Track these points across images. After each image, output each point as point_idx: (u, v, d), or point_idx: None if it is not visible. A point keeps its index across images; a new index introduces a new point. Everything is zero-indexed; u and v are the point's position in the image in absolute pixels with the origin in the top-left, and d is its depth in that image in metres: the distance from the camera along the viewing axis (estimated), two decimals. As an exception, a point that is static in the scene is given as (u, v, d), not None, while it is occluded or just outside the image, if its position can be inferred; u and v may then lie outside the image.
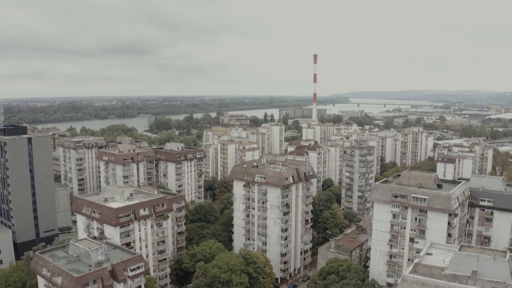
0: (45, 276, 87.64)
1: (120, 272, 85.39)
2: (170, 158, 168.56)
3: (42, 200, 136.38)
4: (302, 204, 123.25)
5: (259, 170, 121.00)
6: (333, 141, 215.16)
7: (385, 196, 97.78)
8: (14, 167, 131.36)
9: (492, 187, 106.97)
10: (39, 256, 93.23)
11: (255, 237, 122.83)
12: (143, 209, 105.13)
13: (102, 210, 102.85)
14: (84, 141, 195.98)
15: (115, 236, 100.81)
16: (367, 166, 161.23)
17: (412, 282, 60.77)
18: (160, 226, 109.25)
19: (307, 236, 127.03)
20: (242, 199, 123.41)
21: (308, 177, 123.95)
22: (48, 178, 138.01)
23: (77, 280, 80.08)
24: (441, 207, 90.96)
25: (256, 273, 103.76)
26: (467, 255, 63.26)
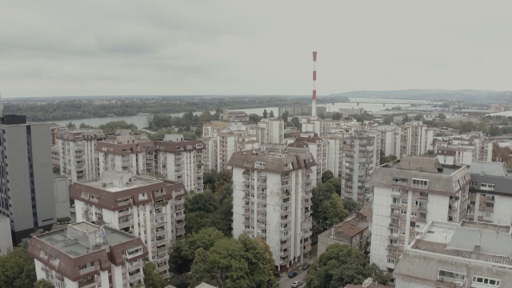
0: (43, 259, 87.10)
1: (118, 254, 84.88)
2: (169, 149, 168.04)
3: (41, 189, 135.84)
4: (302, 192, 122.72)
5: (258, 157, 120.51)
6: (333, 134, 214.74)
7: (385, 180, 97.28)
8: (13, 155, 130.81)
9: (492, 172, 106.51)
10: (37, 239, 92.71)
11: (254, 225, 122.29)
12: (142, 194, 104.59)
13: (100, 195, 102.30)
14: (83, 133, 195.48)
15: (114, 221, 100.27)
16: (367, 156, 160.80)
17: (414, 257, 60.30)
18: (159, 212, 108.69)
19: (307, 224, 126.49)
20: (242, 187, 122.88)
21: (308, 164, 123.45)
22: (46, 167, 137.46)
23: (74, 261, 79.52)
24: (442, 190, 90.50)
25: (256, 259, 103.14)
26: (469, 230, 62.85)
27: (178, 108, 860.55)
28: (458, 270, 56.72)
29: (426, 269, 58.61)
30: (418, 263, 59.48)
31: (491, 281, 54.84)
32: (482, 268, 55.75)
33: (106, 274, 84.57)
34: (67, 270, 79.87)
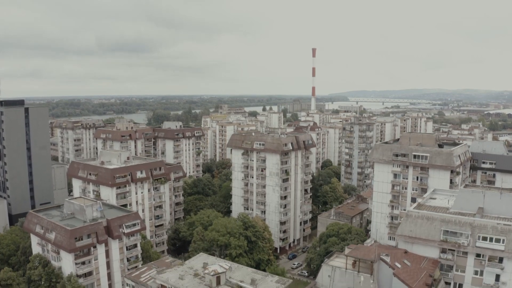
0: (39, 233, 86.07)
1: (115, 228, 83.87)
2: (168, 135, 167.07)
3: (38, 172, 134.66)
4: (301, 173, 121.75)
5: (257, 137, 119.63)
6: (332, 123, 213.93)
7: (386, 156, 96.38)
8: (10, 137, 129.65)
9: (493, 150, 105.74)
10: (33, 214, 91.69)
11: (254, 206, 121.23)
12: (140, 171, 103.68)
13: (98, 172, 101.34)
14: (81, 121, 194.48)
15: (111, 198, 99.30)
16: (367, 142, 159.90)
17: (417, 218, 59.39)
18: (157, 190, 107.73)
19: (306, 206, 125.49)
20: (241, 168, 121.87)
21: (307, 146, 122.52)
22: (44, 150, 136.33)
23: (70, 233, 78.45)
24: (443, 164, 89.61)
25: (255, 237, 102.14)
26: (472, 191, 62.02)
27: (177, 106, 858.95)
28: (462, 229, 55.80)
29: (430, 229, 57.68)
30: (421, 223, 58.55)
31: (496, 240, 53.89)
32: (487, 227, 54.82)
33: (103, 247, 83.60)
34: (63, 242, 78.79)
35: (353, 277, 51.31)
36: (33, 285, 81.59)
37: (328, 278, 53.44)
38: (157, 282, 65.95)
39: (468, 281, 56.69)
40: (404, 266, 51.80)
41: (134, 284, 69.08)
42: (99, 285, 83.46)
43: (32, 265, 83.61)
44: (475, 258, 55.71)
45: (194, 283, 63.57)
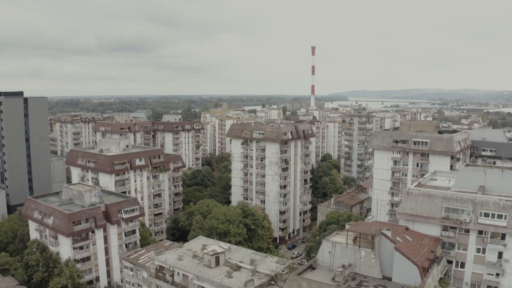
0: (37, 219, 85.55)
1: (114, 213, 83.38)
2: (167, 128, 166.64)
3: (37, 163, 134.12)
4: (301, 163, 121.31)
5: (257, 127, 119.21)
6: (332, 118, 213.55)
7: (386, 142, 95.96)
8: (9, 127, 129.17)
9: (493, 139, 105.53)
10: (31, 199, 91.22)
11: (253, 196, 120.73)
12: (139, 159, 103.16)
13: (97, 159, 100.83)
14: (81, 115, 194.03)
15: (110, 185, 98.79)
16: (366, 135, 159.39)
17: (418, 195, 58.87)
18: (156, 178, 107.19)
19: (306, 197, 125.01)
20: (240, 158, 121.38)
21: (307, 136, 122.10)
22: (43, 141, 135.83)
23: (68, 217, 77.96)
24: (443, 150, 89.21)
25: (254, 225, 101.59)
26: (473, 170, 61.54)
27: (176, 105, 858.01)
28: (464, 206, 55.27)
29: (431, 207, 57.15)
30: (422, 201, 58.04)
31: (498, 216, 53.32)
32: (489, 203, 54.30)
33: (101, 233, 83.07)
34: (61, 226, 78.26)
35: (354, 252, 50.74)
36: (30, 270, 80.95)
37: (328, 254, 52.86)
38: (155, 263, 65.51)
39: (470, 259, 56.14)
40: (405, 241, 51.29)
41: (132, 266, 68.59)
42: (97, 271, 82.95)
43: (30, 251, 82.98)
44: (477, 235, 55.18)
45: (193, 263, 63.08)
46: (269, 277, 59.33)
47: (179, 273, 61.97)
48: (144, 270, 65.81)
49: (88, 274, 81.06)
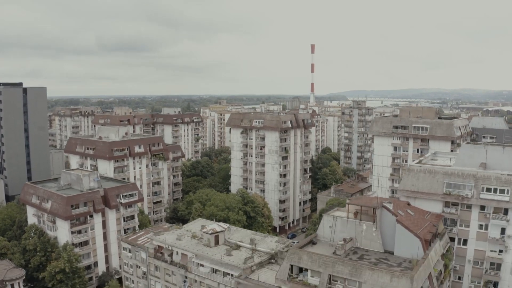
0: (35, 204, 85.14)
1: (112, 197, 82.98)
2: (167, 120, 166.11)
3: (36, 153, 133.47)
4: (300, 152, 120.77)
5: (256, 115, 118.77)
6: (331, 111, 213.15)
7: (386, 128, 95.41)
8: (8, 117, 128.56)
9: (494, 126, 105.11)
10: (29, 185, 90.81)
11: (253, 186, 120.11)
12: (138, 146, 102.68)
13: (96, 145, 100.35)
14: (80, 109, 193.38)
15: (109, 171, 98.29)
16: (366, 126, 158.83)
17: (419, 171, 58.30)
18: (155, 166, 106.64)
19: (306, 186, 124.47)
20: (240, 147, 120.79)
21: (306, 125, 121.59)
22: (42, 131, 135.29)
23: (67, 200, 77.57)
24: (444, 135, 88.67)
25: (254, 213, 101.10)
26: (474, 147, 60.97)
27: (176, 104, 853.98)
28: (466, 181, 54.66)
29: (432, 183, 56.58)
30: (423, 177, 57.48)
31: (501, 190, 52.72)
32: (491, 178, 53.71)
33: (100, 217, 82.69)
34: (59, 210, 77.83)
35: (355, 226, 50.14)
36: (28, 255, 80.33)
37: (329, 229, 52.30)
38: (154, 243, 64.95)
39: (472, 236, 55.52)
40: (407, 215, 50.73)
41: (130, 247, 67.98)
42: (96, 256, 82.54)
43: (28, 236, 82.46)
44: (479, 211, 54.59)
45: (192, 243, 62.54)
46: (269, 255, 58.89)
47: (178, 252, 61.45)
48: (143, 251, 65.24)
49: (86, 259, 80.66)
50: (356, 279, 43.71)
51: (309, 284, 46.52)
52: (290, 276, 47.75)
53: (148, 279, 65.47)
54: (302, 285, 46.85)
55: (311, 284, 46.37)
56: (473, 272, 56.47)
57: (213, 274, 56.94)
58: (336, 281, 45.52)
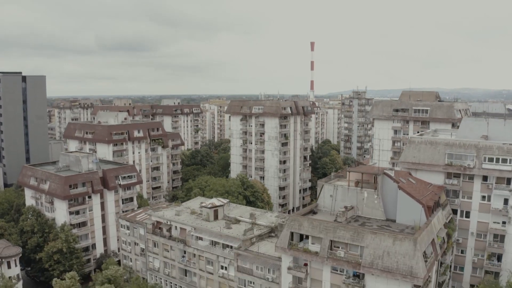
0: (33, 185, 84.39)
1: (111, 178, 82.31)
2: (166, 111, 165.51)
3: (35, 141, 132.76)
4: (300, 139, 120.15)
5: (256, 102, 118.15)
6: (331, 104, 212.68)
7: (386, 112, 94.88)
8: (7, 105, 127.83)
9: (493, 110, 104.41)
10: (28, 167, 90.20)
11: (252, 173, 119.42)
12: (137, 130, 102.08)
13: (95, 129, 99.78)
14: (79, 101, 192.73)
15: (108, 155, 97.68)
16: (366, 117, 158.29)
17: (420, 143, 57.82)
18: (154, 151, 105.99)
19: (305, 174, 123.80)
20: (239, 134, 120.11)
21: (306, 112, 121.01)
22: (41, 120, 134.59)
23: (65, 180, 76.88)
24: (444, 117, 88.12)
25: (254, 198, 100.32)
26: (475, 119, 60.60)
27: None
28: (467, 151, 54.13)
29: (433, 154, 56.06)
30: (424, 148, 56.95)
31: (503, 160, 52.18)
32: (493, 147, 53.18)
33: (98, 198, 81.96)
34: (57, 190, 77.13)
35: (356, 194, 49.47)
36: (25, 236, 79.52)
37: (330, 198, 51.68)
38: (152, 219, 64.28)
39: (475, 208, 54.96)
40: (409, 183, 50.08)
41: (129, 224, 67.27)
42: (94, 238, 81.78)
43: (25, 217, 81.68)
44: (481, 182, 53.99)
45: (191, 218, 61.86)
46: (269, 228, 58.26)
47: (177, 227, 60.78)
48: (141, 227, 64.54)
49: (84, 240, 79.86)
50: (358, 243, 43.07)
51: (310, 251, 45.89)
52: (291, 243, 47.13)
53: (146, 256, 64.78)
54: (303, 252, 46.21)
55: (312, 251, 45.75)
56: (476, 245, 55.92)
57: (212, 247, 56.26)
58: (337, 247, 44.89)
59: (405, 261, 40.51)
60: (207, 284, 57.63)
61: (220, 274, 55.75)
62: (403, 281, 40.68)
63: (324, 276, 46.03)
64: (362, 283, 43.07)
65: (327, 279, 45.89)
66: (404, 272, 40.30)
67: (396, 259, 41.01)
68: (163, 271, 62.64)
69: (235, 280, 54.22)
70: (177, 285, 61.58)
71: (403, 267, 40.50)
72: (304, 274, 46.58)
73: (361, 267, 42.45)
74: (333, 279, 45.48)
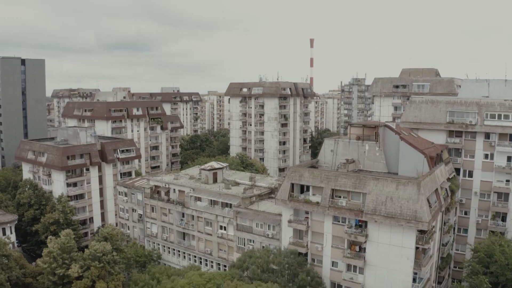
0: (30, 159, 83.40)
1: (109, 151, 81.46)
2: (165, 98, 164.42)
3: (34, 125, 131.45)
4: (300, 122, 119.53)
5: (256, 83, 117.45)
6: (330, 93, 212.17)
7: (386, 88, 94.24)
8: (6, 88, 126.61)
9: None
10: (25, 141, 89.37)
11: (252, 155, 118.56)
12: (136, 108, 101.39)
13: (93, 107, 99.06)
14: (78, 90, 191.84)
15: (107, 132, 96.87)
16: (366, 103, 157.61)
17: (421, 102, 57.17)
18: (153, 130, 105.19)
19: (305, 157, 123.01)
20: (239, 116, 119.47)
21: (306, 94, 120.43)
22: (40, 103, 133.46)
23: (63, 150, 76.01)
24: (444, 92, 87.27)
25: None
26: (476, 81, 59.87)
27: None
28: (469, 109, 53.47)
29: (435, 112, 55.38)
30: (425, 108, 56.28)
31: (505, 116, 51.53)
32: (494, 104, 52.52)
33: (96, 171, 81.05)
34: (55, 161, 76.23)
35: (358, 148, 48.72)
36: (22, 209, 78.51)
37: (330, 153, 50.90)
38: (150, 183, 63.50)
39: (478, 167, 54.11)
40: (410, 136, 49.46)
41: (126, 190, 66.37)
42: (91, 211, 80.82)
43: (22, 190, 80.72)
44: (484, 140, 53.26)
45: (189, 181, 61.09)
46: (269, 189, 57.51)
47: (175, 189, 60.01)
48: (139, 192, 63.67)
49: (81, 213, 78.86)
50: (360, 190, 42.35)
51: (310, 201, 45.14)
52: (291, 195, 46.40)
53: (144, 222, 63.93)
54: (303, 203, 45.48)
55: (313, 201, 45.00)
56: (480, 205, 55.13)
57: (211, 207, 55.48)
58: (339, 196, 44.19)
59: (409, 206, 39.78)
60: (205, 246, 56.83)
61: (219, 235, 54.94)
62: (407, 226, 39.93)
63: (326, 228, 45.29)
64: (365, 232, 42.33)
65: (328, 231, 45.14)
66: (408, 216, 39.55)
67: (399, 204, 40.29)
68: (161, 237, 61.79)
69: (234, 239, 53.44)
70: (175, 249, 60.77)
71: (407, 211, 39.76)
72: (305, 226, 45.85)
73: (363, 214, 41.74)
74: (335, 231, 44.73)
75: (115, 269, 48.95)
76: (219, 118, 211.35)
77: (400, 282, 41.23)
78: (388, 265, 41.67)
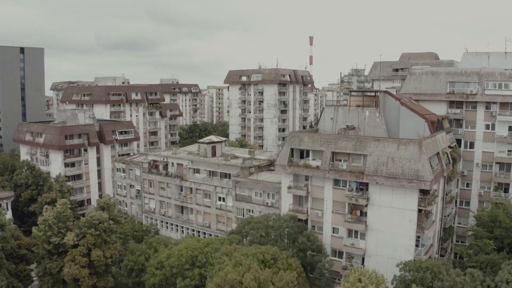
0: (28, 141, 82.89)
1: (108, 132, 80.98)
2: (164, 89, 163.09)
3: (33, 113, 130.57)
4: (299, 109, 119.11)
5: (255, 70, 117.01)
6: (330, 86, 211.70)
7: (385, 72, 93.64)
8: (5, 76, 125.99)
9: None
10: (23, 123, 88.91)
11: (251, 142, 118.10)
12: (135, 93, 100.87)
13: (92, 91, 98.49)
14: (78, 83, 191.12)
15: (105, 115, 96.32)
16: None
17: (421, 74, 56.77)
18: (152, 116, 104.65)
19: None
20: (238, 103, 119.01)
21: (305, 82, 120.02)
22: (39, 92, 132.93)
23: (60, 130, 75.56)
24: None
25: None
26: (476, 53, 59.41)
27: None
28: (469, 79, 52.99)
29: (435, 83, 54.92)
30: (425, 79, 55.86)
31: (505, 85, 51.08)
32: (495, 73, 52.08)
33: (94, 152, 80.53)
34: (53, 140, 75.77)
35: (358, 114, 48.21)
36: (19, 190, 77.79)
37: (330, 121, 50.39)
38: (148, 158, 62.96)
39: (479, 138, 53.57)
40: (411, 102, 48.98)
41: (124, 166, 65.76)
42: (89, 193, 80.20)
43: (19, 171, 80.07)
44: (485, 110, 52.79)
45: (188, 156, 60.55)
46: (268, 161, 56.99)
47: (173, 163, 59.44)
48: (137, 167, 63.08)
49: (79, 194, 78.28)
50: (361, 152, 41.77)
51: (310, 166, 44.56)
52: (291, 160, 45.84)
53: (142, 198, 63.32)
54: (303, 167, 44.88)
55: (313, 166, 44.43)
56: (482, 176, 54.46)
57: (210, 178, 54.89)
58: (339, 160, 43.64)
59: (411, 165, 39.23)
60: (204, 218, 56.23)
61: (218, 206, 54.37)
62: (409, 187, 39.36)
63: (326, 193, 44.71)
64: (366, 195, 41.76)
65: (329, 196, 44.56)
66: (410, 176, 38.98)
67: (401, 164, 39.74)
68: (159, 212, 61.19)
69: (233, 210, 52.86)
70: (173, 224, 60.15)
71: (409, 171, 39.21)
72: (305, 192, 45.27)
73: (364, 176, 41.15)
74: (335, 196, 44.16)
75: (112, 238, 48.38)
76: (218, 111, 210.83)
77: (403, 246, 40.49)
78: (390, 228, 41.04)
